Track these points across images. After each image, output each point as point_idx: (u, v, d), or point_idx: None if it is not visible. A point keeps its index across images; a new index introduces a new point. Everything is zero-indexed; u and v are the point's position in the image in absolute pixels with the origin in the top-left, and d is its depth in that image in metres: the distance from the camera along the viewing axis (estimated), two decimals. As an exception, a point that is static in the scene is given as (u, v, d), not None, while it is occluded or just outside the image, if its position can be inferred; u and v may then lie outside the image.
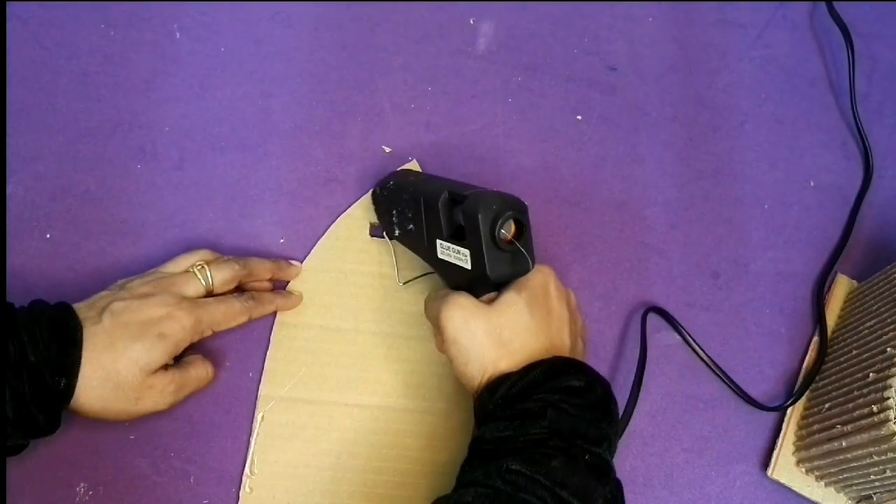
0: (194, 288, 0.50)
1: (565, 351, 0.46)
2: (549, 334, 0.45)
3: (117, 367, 0.45)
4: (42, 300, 0.46)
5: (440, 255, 0.50)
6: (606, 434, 0.42)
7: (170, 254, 0.52)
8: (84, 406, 0.45)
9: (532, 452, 0.40)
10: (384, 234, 0.56)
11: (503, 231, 0.46)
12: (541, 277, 0.47)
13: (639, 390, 0.53)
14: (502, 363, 0.44)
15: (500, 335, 0.44)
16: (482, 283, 0.47)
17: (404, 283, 0.55)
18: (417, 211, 0.51)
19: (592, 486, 0.39)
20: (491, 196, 0.47)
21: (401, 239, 0.55)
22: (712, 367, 0.55)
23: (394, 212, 0.54)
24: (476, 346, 0.44)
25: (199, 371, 0.50)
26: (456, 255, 0.48)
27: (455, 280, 0.50)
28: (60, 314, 0.45)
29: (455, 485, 0.42)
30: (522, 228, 0.48)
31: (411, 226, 0.52)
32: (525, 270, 0.48)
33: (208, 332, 0.50)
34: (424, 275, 0.55)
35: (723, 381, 0.55)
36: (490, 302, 0.46)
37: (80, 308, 0.46)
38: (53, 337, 0.43)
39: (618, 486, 0.42)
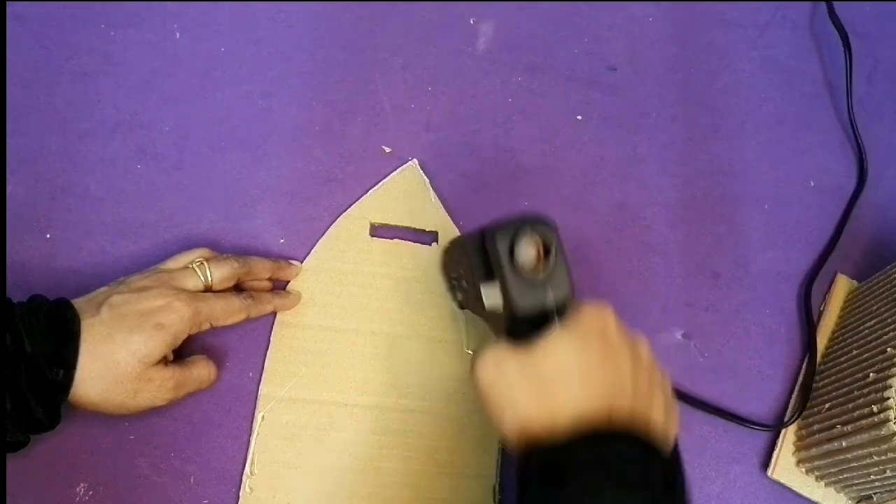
0: (193, 283, 0.49)
1: (626, 407, 0.37)
2: (605, 384, 0.37)
3: (116, 357, 0.44)
4: (40, 295, 0.46)
5: (487, 307, 0.43)
6: None
7: (169, 253, 0.52)
8: (83, 398, 0.44)
9: None
10: (457, 306, 0.52)
11: (521, 255, 0.39)
12: (594, 313, 0.39)
13: None
14: (542, 417, 0.37)
15: (538, 380, 0.37)
16: (520, 325, 0.40)
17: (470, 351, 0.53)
18: (467, 264, 0.46)
19: None
20: (510, 219, 0.41)
21: (465, 304, 0.49)
22: (705, 406, 0.55)
23: (453, 276, 0.50)
24: (509, 394, 0.38)
25: (202, 371, 0.50)
26: (494, 297, 0.42)
27: (501, 330, 0.43)
28: (58, 307, 0.45)
29: None
30: (549, 250, 0.40)
31: (465, 282, 0.47)
32: (564, 302, 0.40)
33: (206, 326, 0.49)
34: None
35: (717, 415, 0.55)
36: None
37: (79, 302, 0.46)
38: (51, 329, 0.43)
39: None
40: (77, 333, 0.44)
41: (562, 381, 0.37)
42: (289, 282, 0.55)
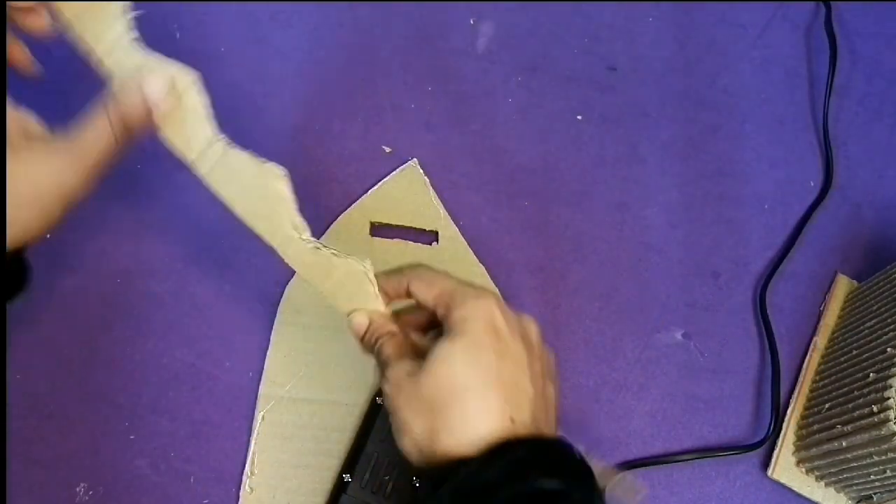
0: None
1: (526, 409, 0.35)
2: (503, 391, 0.34)
3: None
4: None
5: None
6: None
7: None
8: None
9: None
10: None
11: None
12: (480, 309, 0.36)
13: None
14: (441, 440, 0.34)
15: (429, 405, 0.34)
16: None
17: None
18: None
19: None
20: None
21: None
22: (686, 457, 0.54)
23: None
24: (404, 419, 0.35)
25: (96, 132, 0.37)
26: None
27: None
28: None
29: None
30: None
31: None
32: None
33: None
34: None
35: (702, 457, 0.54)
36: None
37: None
38: None
39: None
40: None
41: (454, 402, 0.34)
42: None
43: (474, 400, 0.34)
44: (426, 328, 0.41)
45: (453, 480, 0.33)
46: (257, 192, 0.42)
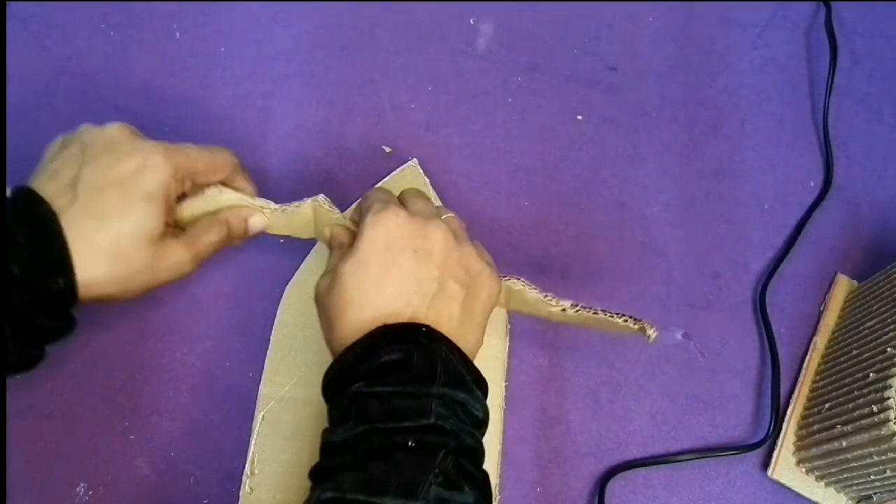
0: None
1: (406, 313, 0.39)
2: (382, 302, 0.39)
3: (121, 248, 0.40)
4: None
5: None
6: (439, 395, 0.37)
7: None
8: (98, 296, 0.40)
9: (348, 468, 0.36)
10: None
11: None
12: (378, 227, 0.40)
13: None
14: (333, 348, 0.41)
15: (329, 316, 0.41)
16: None
17: None
18: None
19: (414, 475, 0.35)
20: None
21: None
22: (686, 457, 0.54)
23: None
24: (321, 326, 0.42)
25: (211, 236, 0.45)
26: None
27: None
28: (26, 204, 0.39)
29: None
30: None
31: None
32: None
33: (187, 184, 0.45)
34: None
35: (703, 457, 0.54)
36: None
37: (44, 186, 0.40)
38: (31, 238, 0.38)
39: (457, 451, 0.36)
40: (57, 231, 0.38)
41: (340, 316, 0.40)
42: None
43: (354, 313, 0.39)
44: None
45: (329, 371, 0.40)
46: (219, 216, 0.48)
